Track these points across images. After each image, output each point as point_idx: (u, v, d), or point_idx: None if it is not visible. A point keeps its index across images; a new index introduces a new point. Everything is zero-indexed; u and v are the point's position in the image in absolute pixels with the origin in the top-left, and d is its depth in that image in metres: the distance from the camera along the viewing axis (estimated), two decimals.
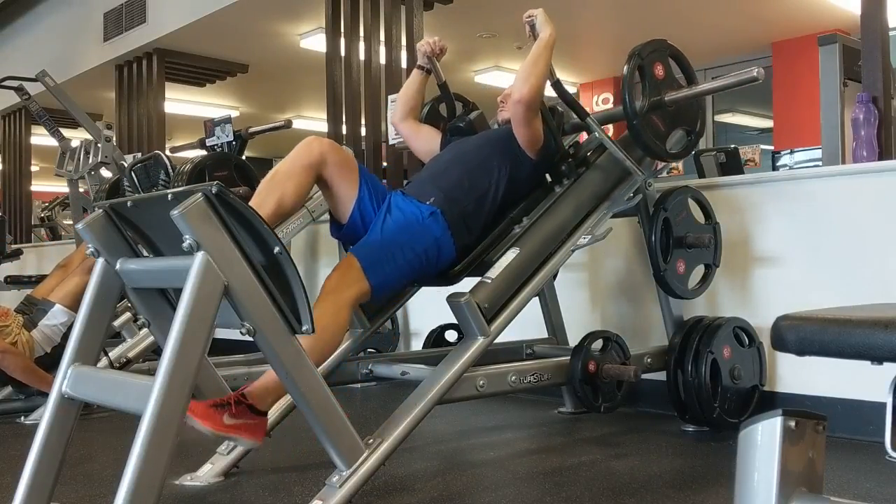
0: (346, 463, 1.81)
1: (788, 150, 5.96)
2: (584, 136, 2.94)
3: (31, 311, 3.41)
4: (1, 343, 3.07)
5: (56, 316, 3.33)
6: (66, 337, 3.07)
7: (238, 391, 1.84)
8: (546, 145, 2.49)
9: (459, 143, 2.58)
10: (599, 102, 8.58)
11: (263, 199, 2.04)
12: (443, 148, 2.69)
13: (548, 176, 2.57)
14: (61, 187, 8.16)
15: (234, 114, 8.87)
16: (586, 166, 2.63)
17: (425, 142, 2.81)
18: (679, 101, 2.56)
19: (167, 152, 4.73)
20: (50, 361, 3.18)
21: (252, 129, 4.21)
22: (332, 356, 2.47)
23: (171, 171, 3.64)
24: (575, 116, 2.67)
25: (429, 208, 2.25)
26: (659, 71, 2.54)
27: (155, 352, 3.38)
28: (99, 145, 5.06)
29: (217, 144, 4.15)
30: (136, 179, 3.80)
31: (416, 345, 3.97)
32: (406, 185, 2.47)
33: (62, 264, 3.74)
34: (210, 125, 4.20)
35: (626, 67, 2.45)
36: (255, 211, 1.57)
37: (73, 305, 3.29)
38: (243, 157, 4.03)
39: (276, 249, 1.59)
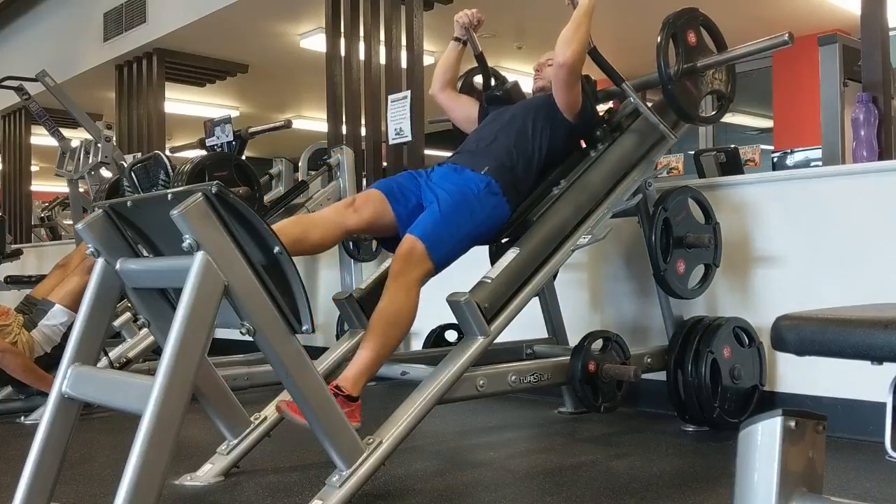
0: (346, 463, 1.82)
1: (788, 150, 5.96)
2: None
3: (31, 310, 3.41)
4: (1, 343, 3.07)
5: (56, 316, 3.33)
6: (66, 337, 3.06)
7: (331, 385, 1.92)
8: (583, 109, 2.59)
9: (501, 112, 2.67)
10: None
11: (287, 228, 2.13)
12: (481, 117, 2.79)
13: (583, 142, 2.68)
14: (61, 187, 8.16)
15: (234, 114, 8.86)
16: (620, 131, 2.72)
17: (464, 110, 2.93)
18: (711, 66, 2.64)
19: (167, 152, 4.73)
20: (50, 361, 3.17)
21: (252, 129, 4.21)
22: (332, 356, 2.50)
23: (170, 171, 3.63)
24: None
25: (484, 178, 2.37)
26: (691, 38, 2.62)
27: (155, 352, 3.38)
28: (99, 145, 5.06)
29: (217, 144, 4.15)
30: (135, 179, 3.79)
31: (416, 345, 3.97)
32: (453, 155, 2.56)
33: (61, 264, 3.73)
34: (210, 125, 4.20)
35: (660, 35, 2.53)
36: (254, 212, 1.57)
37: (73, 305, 3.29)
38: (243, 158, 4.02)
39: (276, 249, 1.59)
